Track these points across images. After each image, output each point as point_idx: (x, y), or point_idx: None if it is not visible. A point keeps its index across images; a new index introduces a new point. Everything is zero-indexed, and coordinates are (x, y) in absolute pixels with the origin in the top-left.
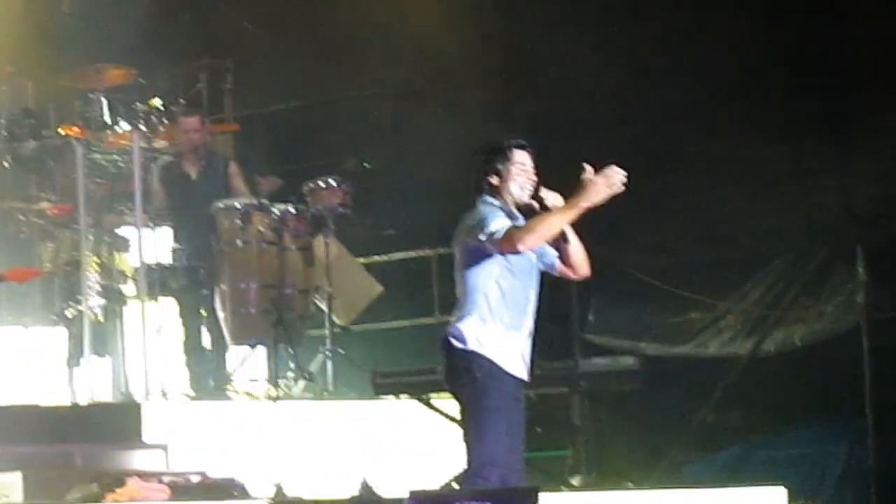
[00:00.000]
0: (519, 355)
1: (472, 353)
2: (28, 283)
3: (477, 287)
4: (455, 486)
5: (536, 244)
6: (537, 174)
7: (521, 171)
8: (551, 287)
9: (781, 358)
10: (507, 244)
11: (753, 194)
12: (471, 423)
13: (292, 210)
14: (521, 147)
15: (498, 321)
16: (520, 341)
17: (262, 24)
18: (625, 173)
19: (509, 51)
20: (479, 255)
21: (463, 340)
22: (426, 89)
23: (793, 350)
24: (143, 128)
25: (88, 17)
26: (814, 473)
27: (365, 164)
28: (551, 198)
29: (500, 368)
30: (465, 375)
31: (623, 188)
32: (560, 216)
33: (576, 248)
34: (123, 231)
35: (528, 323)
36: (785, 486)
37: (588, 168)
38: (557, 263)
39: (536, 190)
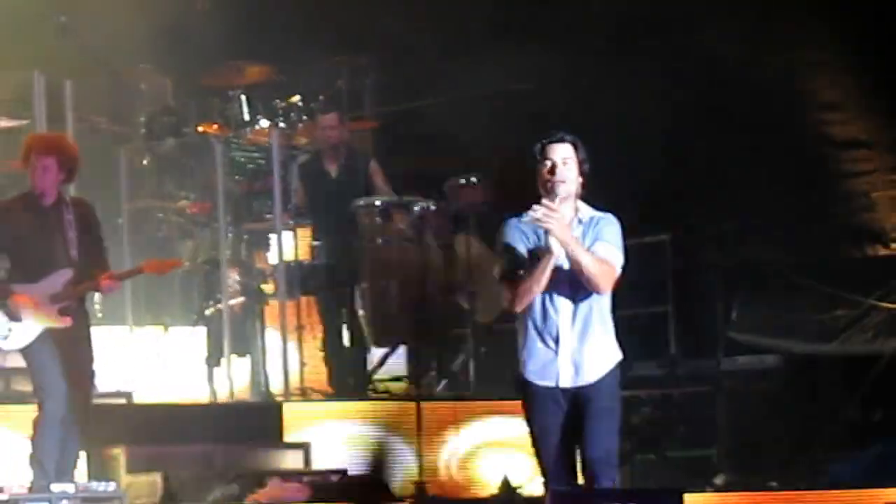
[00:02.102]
0: (551, 364)
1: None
2: (167, 283)
3: None
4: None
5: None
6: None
7: (545, 173)
8: (695, 286)
9: None
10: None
11: None
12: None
13: (433, 208)
14: (550, 141)
15: (523, 330)
16: (550, 347)
17: (402, 20)
18: (549, 208)
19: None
20: None
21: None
22: (569, 85)
23: None
24: (282, 125)
25: (227, 15)
26: None
27: (506, 160)
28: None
29: (525, 380)
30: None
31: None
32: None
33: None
34: (263, 229)
35: (557, 331)
36: None
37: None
38: None
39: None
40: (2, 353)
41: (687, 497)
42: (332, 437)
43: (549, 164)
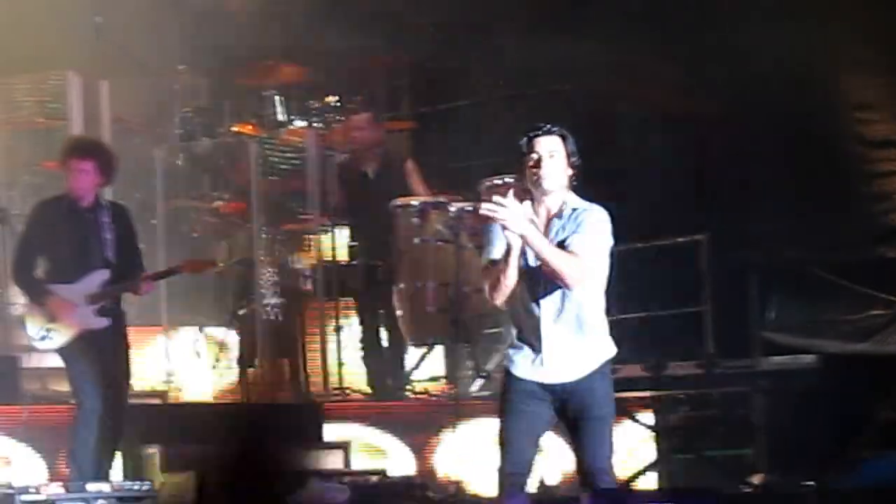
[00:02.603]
0: (532, 360)
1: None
2: (202, 283)
3: None
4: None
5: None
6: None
7: (530, 167)
8: (731, 286)
9: None
10: None
11: None
12: None
13: (469, 208)
14: (537, 134)
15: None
16: (529, 344)
17: (438, 19)
18: (498, 203)
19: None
20: None
21: None
22: (604, 84)
23: None
24: (317, 125)
25: (262, 15)
26: None
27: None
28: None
29: (510, 374)
30: None
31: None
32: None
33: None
34: (300, 230)
35: (539, 327)
36: None
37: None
38: None
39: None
40: (38, 353)
41: (725, 496)
42: (371, 437)
43: (534, 157)
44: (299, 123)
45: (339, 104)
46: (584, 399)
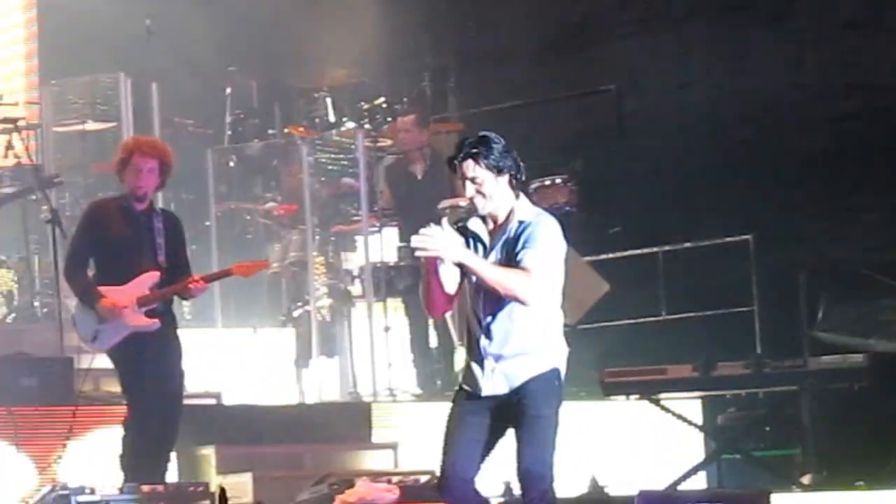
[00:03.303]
0: (476, 370)
1: None
2: (255, 285)
3: None
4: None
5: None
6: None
7: (463, 193)
8: (779, 286)
9: None
10: None
11: None
12: None
13: None
14: (456, 159)
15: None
16: (473, 356)
17: (484, 23)
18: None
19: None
20: None
21: None
22: (652, 85)
23: None
24: (367, 127)
25: (312, 17)
26: None
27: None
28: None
29: (460, 385)
30: None
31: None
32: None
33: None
34: (350, 231)
35: (489, 342)
36: None
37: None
38: None
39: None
40: (90, 353)
41: (774, 497)
42: (421, 437)
43: (460, 183)
44: (349, 125)
45: (387, 106)
46: (521, 401)
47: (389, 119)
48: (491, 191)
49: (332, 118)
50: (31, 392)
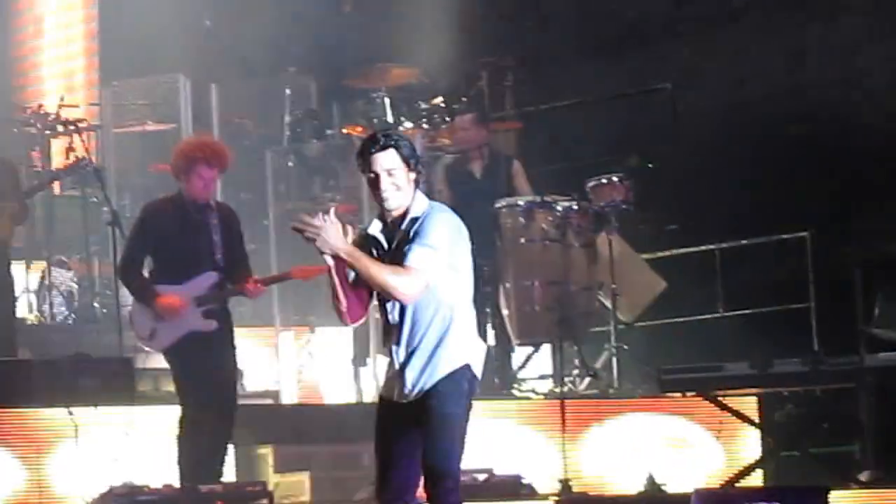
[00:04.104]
0: (395, 378)
1: None
2: (314, 283)
3: None
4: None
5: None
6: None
7: (372, 186)
8: (836, 283)
9: None
10: None
11: None
12: None
13: (575, 207)
14: (370, 151)
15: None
16: (394, 364)
17: (541, 21)
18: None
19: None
20: None
21: None
22: (706, 82)
23: None
24: (425, 126)
25: (370, 17)
26: None
27: (649, 165)
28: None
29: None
30: None
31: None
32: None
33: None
34: None
35: (396, 346)
36: None
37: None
38: None
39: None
40: (151, 354)
41: (832, 494)
42: (478, 436)
43: (372, 176)
44: (407, 124)
45: (445, 105)
46: (428, 401)
47: (447, 119)
48: (403, 184)
49: (390, 118)
50: (91, 392)
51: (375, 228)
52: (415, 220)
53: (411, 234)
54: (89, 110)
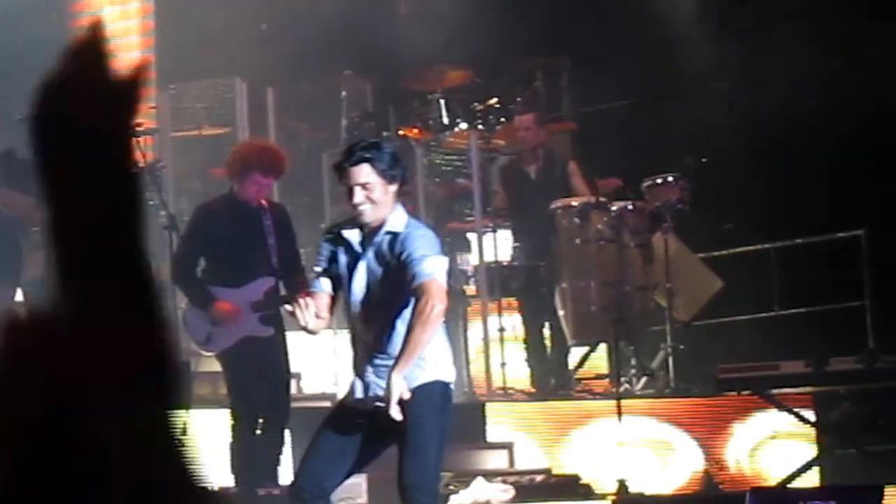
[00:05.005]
0: (357, 380)
1: None
2: None
3: None
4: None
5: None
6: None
7: (348, 201)
8: (892, 281)
9: None
10: None
11: None
12: None
13: (630, 207)
14: (343, 164)
15: None
16: (358, 368)
17: (596, 21)
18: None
19: None
20: None
21: None
22: (763, 83)
23: None
24: (481, 128)
25: (426, 19)
26: None
27: (703, 160)
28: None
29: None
30: None
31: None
32: None
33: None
34: (463, 230)
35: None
36: None
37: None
38: None
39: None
40: (207, 357)
41: (888, 491)
42: (536, 436)
43: (347, 189)
44: (463, 126)
45: (500, 106)
46: (404, 413)
47: (503, 119)
48: (380, 198)
49: (445, 120)
50: None
51: (350, 233)
52: (392, 234)
53: (396, 250)
54: (147, 114)
